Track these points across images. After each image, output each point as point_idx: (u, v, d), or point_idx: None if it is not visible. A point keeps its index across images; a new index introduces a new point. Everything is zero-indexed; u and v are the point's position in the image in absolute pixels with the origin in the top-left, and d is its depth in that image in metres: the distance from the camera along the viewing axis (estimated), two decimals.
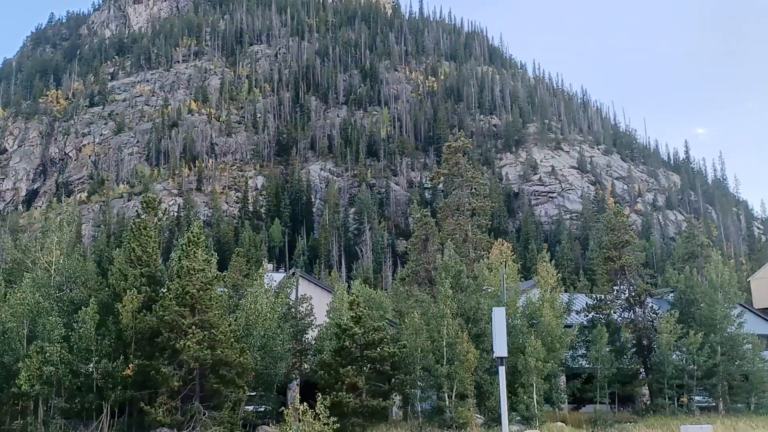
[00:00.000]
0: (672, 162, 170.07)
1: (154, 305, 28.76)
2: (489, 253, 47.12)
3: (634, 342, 41.82)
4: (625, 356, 40.70)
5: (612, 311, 42.06)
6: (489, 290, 37.15)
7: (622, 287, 42.67)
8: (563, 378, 38.40)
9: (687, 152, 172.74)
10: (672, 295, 45.08)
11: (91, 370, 28.18)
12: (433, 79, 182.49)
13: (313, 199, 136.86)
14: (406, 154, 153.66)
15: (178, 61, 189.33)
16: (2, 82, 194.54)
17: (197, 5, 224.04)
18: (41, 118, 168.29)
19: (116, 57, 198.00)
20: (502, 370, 20.14)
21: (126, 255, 31.48)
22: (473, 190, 52.02)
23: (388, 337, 31.73)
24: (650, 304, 43.44)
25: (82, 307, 28.36)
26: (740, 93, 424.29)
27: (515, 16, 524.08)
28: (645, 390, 41.63)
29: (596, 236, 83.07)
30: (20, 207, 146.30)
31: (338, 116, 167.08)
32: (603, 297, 42.81)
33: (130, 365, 28.03)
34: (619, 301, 42.50)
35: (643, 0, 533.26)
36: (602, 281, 44.60)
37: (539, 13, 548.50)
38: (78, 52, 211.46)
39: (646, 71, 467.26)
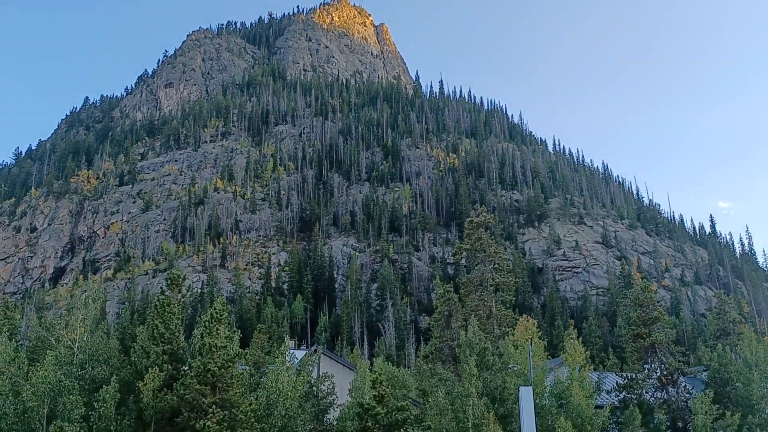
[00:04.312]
0: (698, 236, 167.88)
1: (175, 383, 28.48)
2: (514, 329, 46.20)
3: (668, 423, 40.07)
4: None
5: (644, 391, 40.60)
6: (515, 368, 36.19)
7: (653, 365, 41.35)
8: None
9: (713, 226, 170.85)
10: (705, 373, 43.56)
11: None
12: (454, 155, 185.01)
13: (335, 275, 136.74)
14: (428, 230, 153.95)
15: (206, 141, 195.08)
16: (36, 163, 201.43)
17: (226, 89, 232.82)
18: (72, 197, 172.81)
19: (146, 138, 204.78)
20: None
21: (149, 332, 31.49)
22: (496, 266, 51.65)
23: (412, 417, 30.81)
24: (683, 384, 41.92)
25: (104, 386, 28.15)
26: (760, 166, 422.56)
27: (534, 95, 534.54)
28: None
29: (624, 312, 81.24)
30: (47, 284, 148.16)
31: (360, 193, 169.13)
32: (634, 376, 41.45)
33: None
34: (651, 381, 41.08)
35: (656, 74, 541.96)
36: (632, 359, 43.27)
37: (558, 91, 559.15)
38: (110, 134, 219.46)
39: (666, 145, 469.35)
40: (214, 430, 25.92)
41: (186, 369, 29.37)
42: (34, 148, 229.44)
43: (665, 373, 40.79)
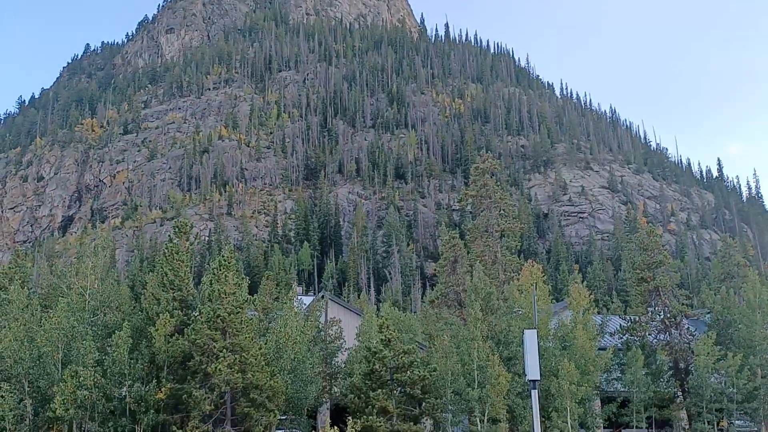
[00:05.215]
0: (705, 180, 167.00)
1: (186, 329, 29.05)
2: (519, 274, 46.56)
3: (670, 365, 40.81)
4: (661, 379, 39.71)
5: (647, 333, 41.18)
6: (520, 312, 36.68)
7: (656, 308, 41.78)
8: (598, 402, 37.61)
9: (720, 170, 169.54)
10: (709, 316, 44.05)
11: (124, 394, 28.46)
12: (460, 101, 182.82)
13: (341, 223, 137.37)
14: (434, 176, 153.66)
15: (209, 89, 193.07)
16: (40, 112, 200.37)
17: (227, 34, 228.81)
18: (77, 146, 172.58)
19: (149, 86, 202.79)
20: (534, 393, 19.84)
21: (159, 279, 31.91)
22: (502, 212, 51.70)
23: (418, 360, 31.50)
24: (686, 326, 42.45)
25: (116, 332, 28.74)
26: None
27: (541, 37, 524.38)
28: (683, 414, 40.51)
29: (629, 257, 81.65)
30: (56, 233, 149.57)
31: (366, 140, 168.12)
32: (637, 318, 41.97)
33: (163, 389, 28.24)
34: (654, 323, 41.59)
35: (669, 18, 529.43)
36: (636, 302, 43.69)
37: (565, 33, 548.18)
38: (112, 81, 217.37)
39: (675, 89, 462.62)
40: (226, 373, 26.57)
41: (196, 315, 29.90)
42: (37, 96, 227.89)
43: (668, 315, 41.26)
